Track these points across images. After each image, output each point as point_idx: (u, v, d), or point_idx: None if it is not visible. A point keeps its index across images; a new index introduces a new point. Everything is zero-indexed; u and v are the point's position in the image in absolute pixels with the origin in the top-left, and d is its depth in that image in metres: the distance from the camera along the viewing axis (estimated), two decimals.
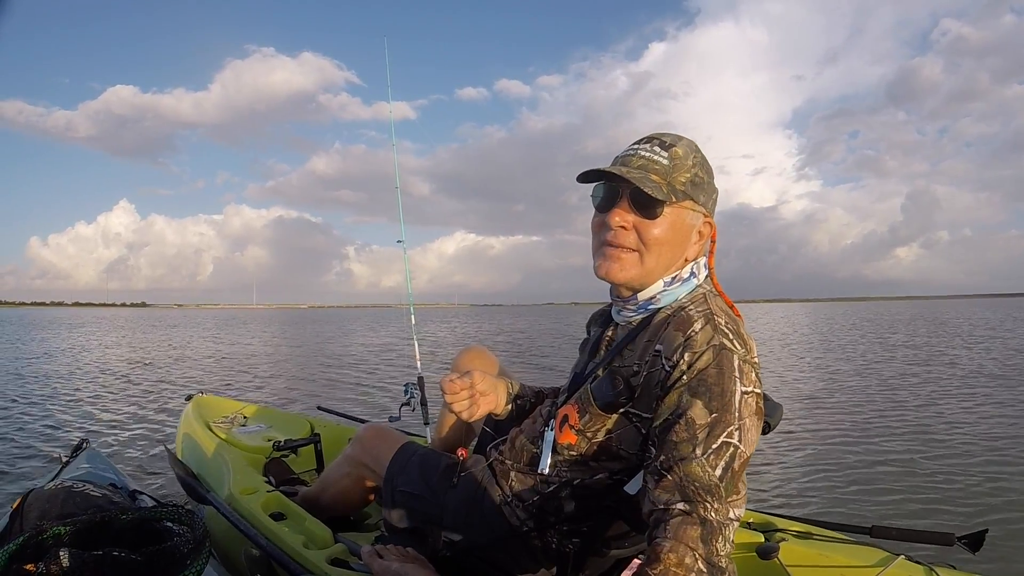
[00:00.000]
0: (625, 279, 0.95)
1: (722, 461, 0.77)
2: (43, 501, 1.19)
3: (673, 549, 0.73)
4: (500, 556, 1.07)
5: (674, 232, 0.93)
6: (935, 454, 3.73)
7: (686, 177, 0.92)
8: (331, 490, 1.50)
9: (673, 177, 0.91)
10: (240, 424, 2.36)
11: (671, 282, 0.95)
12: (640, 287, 0.96)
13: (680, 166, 0.92)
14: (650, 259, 0.93)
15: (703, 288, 0.96)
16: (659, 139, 0.95)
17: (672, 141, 0.94)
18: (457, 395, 1.10)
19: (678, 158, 0.92)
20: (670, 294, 0.95)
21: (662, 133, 0.96)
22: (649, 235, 0.92)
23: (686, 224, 0.94)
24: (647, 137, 0.96)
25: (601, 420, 0.93)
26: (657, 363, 0.87)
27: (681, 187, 0.91)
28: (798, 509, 2.77)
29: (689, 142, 0.95)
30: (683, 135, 0.96)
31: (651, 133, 0.96)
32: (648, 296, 0.96)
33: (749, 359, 0.84)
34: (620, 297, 1.00)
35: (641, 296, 0.96)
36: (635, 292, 0.97)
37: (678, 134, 0.96)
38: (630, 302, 0.98)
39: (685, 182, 0.92)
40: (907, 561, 1.24)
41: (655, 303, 0.95)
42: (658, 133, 0.96)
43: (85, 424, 4.77)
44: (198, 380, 7.69)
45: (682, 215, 0.93)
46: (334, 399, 5.99)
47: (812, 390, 6.39)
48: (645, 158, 0.92)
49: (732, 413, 0.79)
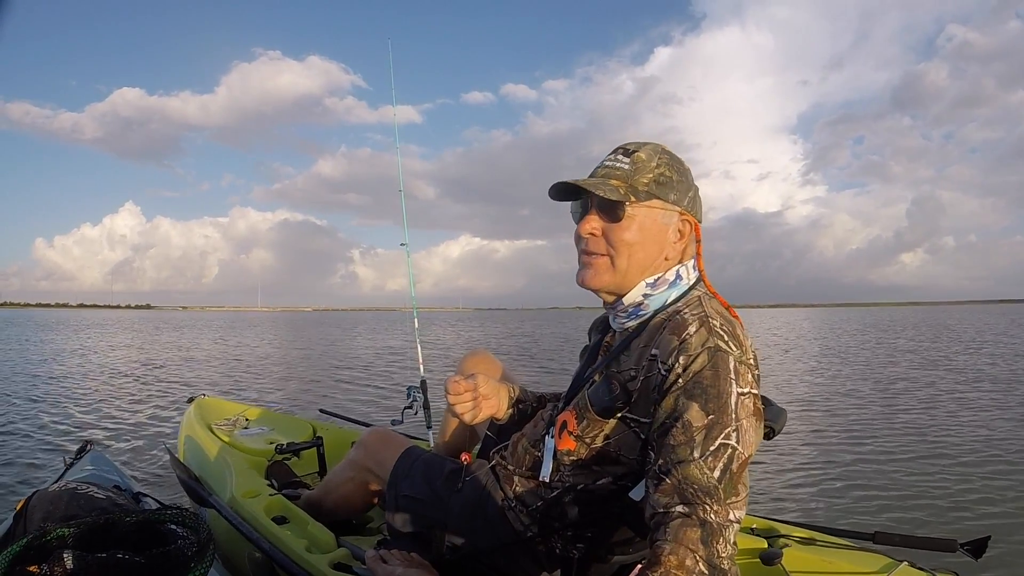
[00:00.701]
0: (599, 285, 0.96)
1: (720, 463, 0.77)
2: (47, 503, 1.19)
3: (674, 551, 0.73)
4: (504, 561, 1.07)
5: (643, 233, 0.94)
6: (938, 460, 3.72)
7: (648, 178, 0.93)
8: (334, 494, 1.50)
9: (635, 179, 0.93)
10: (242, 427, 2.36)
11: (654, 284, 0.95)
12: (619, 291, 0.97)
13: (642, 168, 0.94)
14: (621, 261, 0.94)
15: (697, 291, 0.96)
16: (624, 147, 0.97)
17: (635, 147, 0.96)
18: (460, 396, 1.11)
19: (640, 161, 0.94)
20: (657, 298, 0.95)
21: (629, 142, 0.98)
22: (616, 238, 0.94)
23: (657, 224, 0.94)
24: (615, 148, 0.99)
25: (599, 425, 0.93)
26: (653, 367, 0.87)
27: (644, 187, 0.93)
28: (801, 515, 2.76)
29: (655, 146, 0.97)
30: (652, 141, 0.98)
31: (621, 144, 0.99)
32: (633, 301, 0.96)
33: (745, 360, 0.84)
34: (606, 304, 1.01)
35: (626, 301, 0.97)
36: (618, 297, 0.98)
37: (646, 141, 0.98)
38: (618, 308, 0.99)
39: (648, 182, 0.93)
40: (910, 567, 1.23)
41: (644, 308, 0.96)
42: (626, 143, 0.98)
43: (89, 426, 4.78)
44: (200, 382, 7.71)
45: (650, 215, 0.94)
46: (336, 402, 5.99)
47: (815, 395, 6.37)
48: (608, 167, 0.95)
49: (729, 415, 0.79)
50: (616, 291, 0.97)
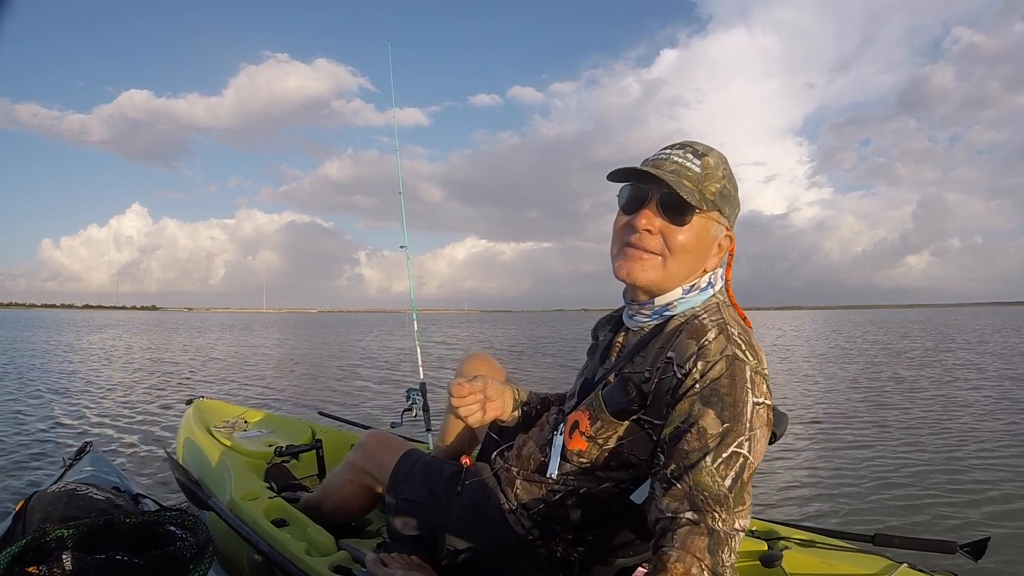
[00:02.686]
0: (646, 282, 0.94)
1: (732, 471, 0.77)
2: (46, 503, 1.19)
3: (680, 559, 0.73)
4: (505, 564, 1.07)
5: (699, 240, 0.93)
6: (937, 462, 3.72)
7: (716, 188, 0.92)
8: (333, 497, 1.49)
9: (704, 186, 0.91)
10: (241, 429, 2.35)
11: (689, 290, 0.95)
12: (658, 292, 0.96)
13: (711, 176, 0.92)
14: (673, 265, 0.93)
15: (717, 298, 0.96)
16: (692, 147, 0.94)
17: (704, 151, 0.94)
18: (465, 399, 1.10)
19: (709, 168, 0.92)
20: (687, 302, 0.95)
21: (694, 142, 0.95)
22: (675, 240, 0.91)
23: (710, 234, 0.94)
24: (680, 143, 0.96)
25: (613, 427, 0.93)
26: (669, 370, 0.87)
27: (711, 196, 0.91)
28: (801, 517, 2.76)
29: (720, 154, 0.95)
30: (710, 144, 0.96)
31: (684, 140, 0.96)
32: (665, 302, 0.95)
33: (760, 370, 0.84)
34: (636, 301, 0.99)
35: (658, 301, 0.96)
36: (652, 297, 0.96)
37: (709, 145, 0.96)
38: (645, 307, 0.97)
39: (715, 192, 0.92)
40: (910, 569, 1.24)
41: (671, 310, 0.95)
42: (691, 141, 0.95)
43: (89, 427, 4.76)
44: (199, 383, 7.69)
45: (708, 225, 0.93)
46: (335, 404, 5.98)
47: (816, 398, 6.38)
48: (678, 163, 0.92)
49: (744, 423, 0.79)
50: (656, 290, 0.96)
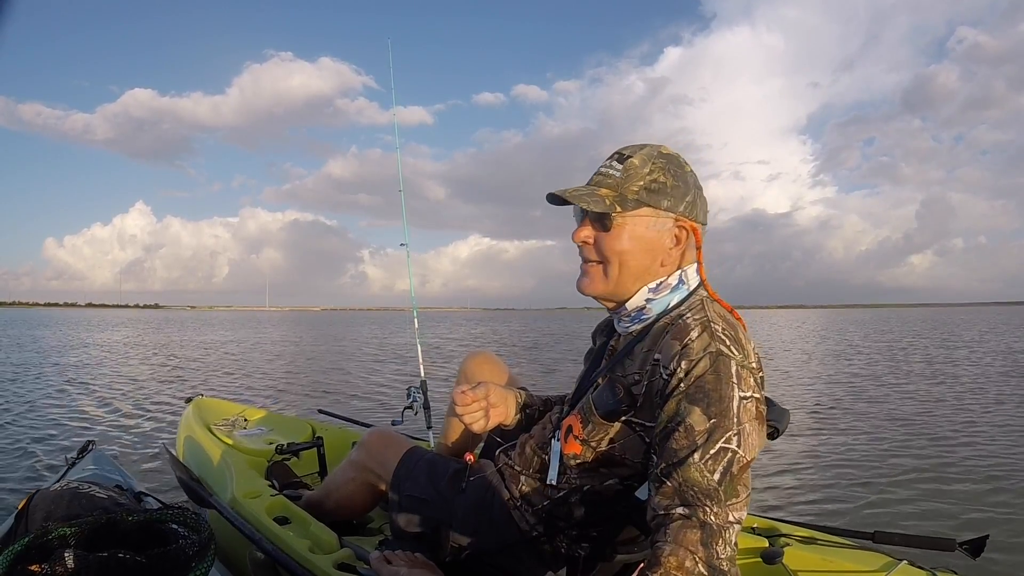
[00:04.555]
0: (595, 292, 0.97)
1: (720, 466, 0.77)
2: (48, 502, 1.18)
3: (673, 552, 0.74)
4: (509, 561, 1.07)
5: (634, 241, 0.93)
6: (937, 460, 3.74)
7: (639, 185, 0.92)
8: (335, 495, 1.49)
9: (625, 188, 0.92)
10: (241, 427, 2.35)
11: (656, 288, 0.95)
12: (615, 299, 0.97)
13: (634, 175, 0.93)
14: (612, 270, 0.94)
15: (700, 294, 0.95)
16: (619, 153, 0.96)
17: (630, 152, 0.95)
18: (469, 407, 1.10)
19: (632, 168, 0.93)
20: (659, 302, 0.95)
21: (626, 146, 0.97)
22: (606, 247, 0.94)
23: (648, 232, 0.93)
24: (615, 152, 0.97)
25: (604, 429, 0.93)
26: (656, 371, 0.87)
27: (633, 196, 0.92)
28: (802, 514, 2.77)
29: (652, 149, 0.95)
30: (652, 144, 0.96)
31: (620, 148, 0.97)
32: (636, 306, 0.96)
33: (748, 364, 0.84)
34: (609, 309, 1.02)
35: (629, 306, 0.97)
36: (619, 304, 0.98)
37: (644, 144, 0.96)
38: (622, 313, 0.99)
39: (638, 190, 0.92)
40: (909, 566, 1.24)
41: (647, 313, 0.96)
42: (623, 148, 0.97)
43: (91, 425, 4.76)
44: (199, 381, 7.69)
45: (641, 223, 0.93)
46: (334, 402, 5.98)
47: (817, 395, 6.40)
48: (601, 173, 0.95)
49: (730, 419, 0.79)
50: (612, 298, 0.98)
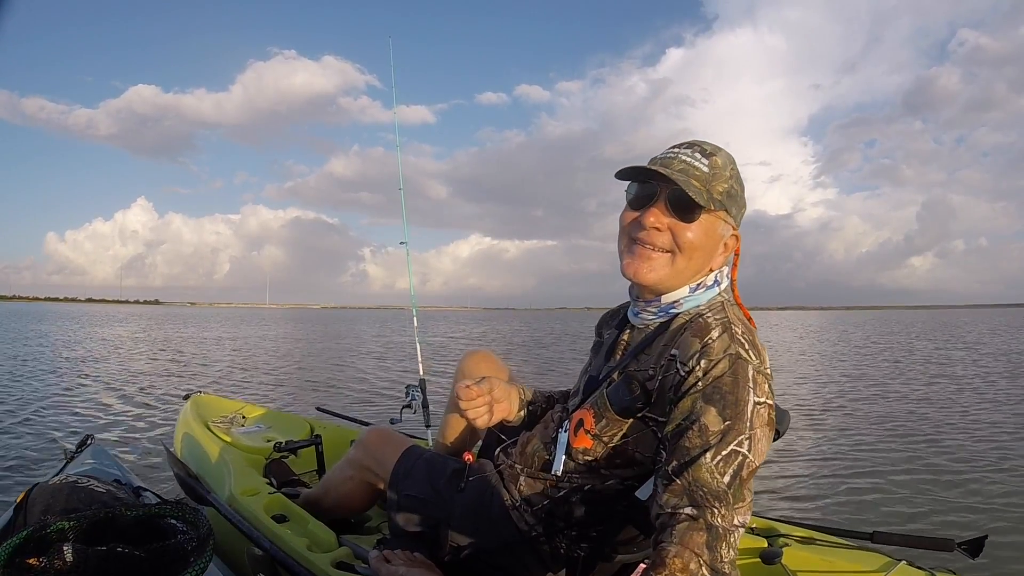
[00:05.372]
0: (653, 280, 0.94)
1: (731, 468, 0.78)
2: (47, 495, 1.18)
3: (679, 554, 0.73)
4: (508, 561, 1.07)
5: (706, 238, 0.93)
6: (936, 461, 3.74)
7: (723, 187, 0.92)
8: (334, 493, 1.48)
9: (712, 185, 0.92)
10: (239, 424, 2.34)
11: (696, 288, 0.95)
12: (665, 290, 0.96)
13: (719, 175, 0.92)
14: (681, 262, 0.93)
15: (722, 296, 0.96)
16: (700, 146, 0.95)
17: (712, 150, 0.94)
18: (473, 402, 1.10)
19: (717, 167, 0.92)
20: (692, 300, 0.95)
21: (703, 141, 0.96)
22: (684, 238, 0.92)
23: (717, 233, 0.94)
24: (688, 143, 0.96)
25: (618, 425, 0.93)
26: (672, 368, 0.87)
27: (718, 196, 0.92)
28: (801, 514, 2.77)
29: (728, 154, 0.95)
30: (712, 142, 0.96)
31: (691, 140, 0.96)
32: (671, 300, 0.96)
33: (763, 370, 0.85)
34: (641, 299, 1.00)
35: (665, 299, 0.96)
36: (658, 295, 0.97)
37: (717, 145, 0.96)
38: (652, 304, 0.98)
39: (722, 192, 0.92)
40: (908, 567, 1.24)
41: (676, 308, 0.96)
42: (699, 140, 0.96)
43: (90, 420, 4.74)
44: (198, 378, 7.67)
45: (715, 224, 0.94)
46: (333, 400, 5.97)
47: (816, 396, 6.39)
48: (686, 163, 0.92)
49: (744, 422, 0.80)
50: (661, 288, 0.96)
